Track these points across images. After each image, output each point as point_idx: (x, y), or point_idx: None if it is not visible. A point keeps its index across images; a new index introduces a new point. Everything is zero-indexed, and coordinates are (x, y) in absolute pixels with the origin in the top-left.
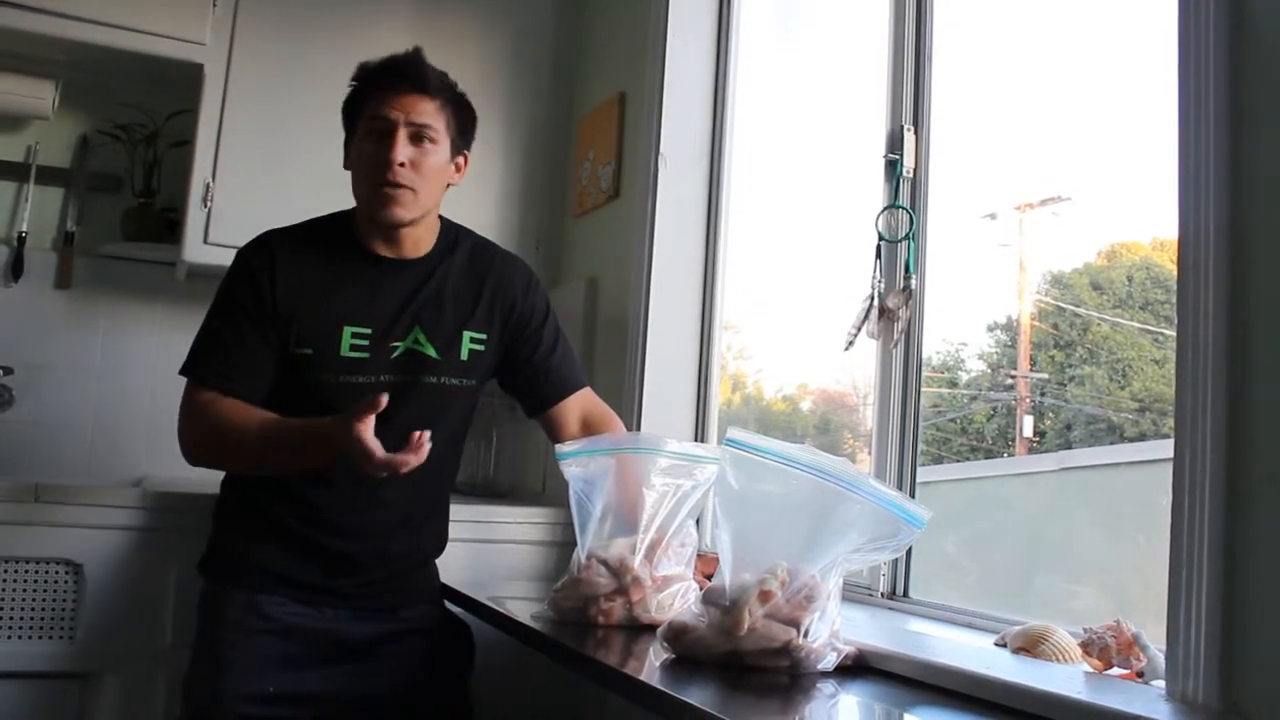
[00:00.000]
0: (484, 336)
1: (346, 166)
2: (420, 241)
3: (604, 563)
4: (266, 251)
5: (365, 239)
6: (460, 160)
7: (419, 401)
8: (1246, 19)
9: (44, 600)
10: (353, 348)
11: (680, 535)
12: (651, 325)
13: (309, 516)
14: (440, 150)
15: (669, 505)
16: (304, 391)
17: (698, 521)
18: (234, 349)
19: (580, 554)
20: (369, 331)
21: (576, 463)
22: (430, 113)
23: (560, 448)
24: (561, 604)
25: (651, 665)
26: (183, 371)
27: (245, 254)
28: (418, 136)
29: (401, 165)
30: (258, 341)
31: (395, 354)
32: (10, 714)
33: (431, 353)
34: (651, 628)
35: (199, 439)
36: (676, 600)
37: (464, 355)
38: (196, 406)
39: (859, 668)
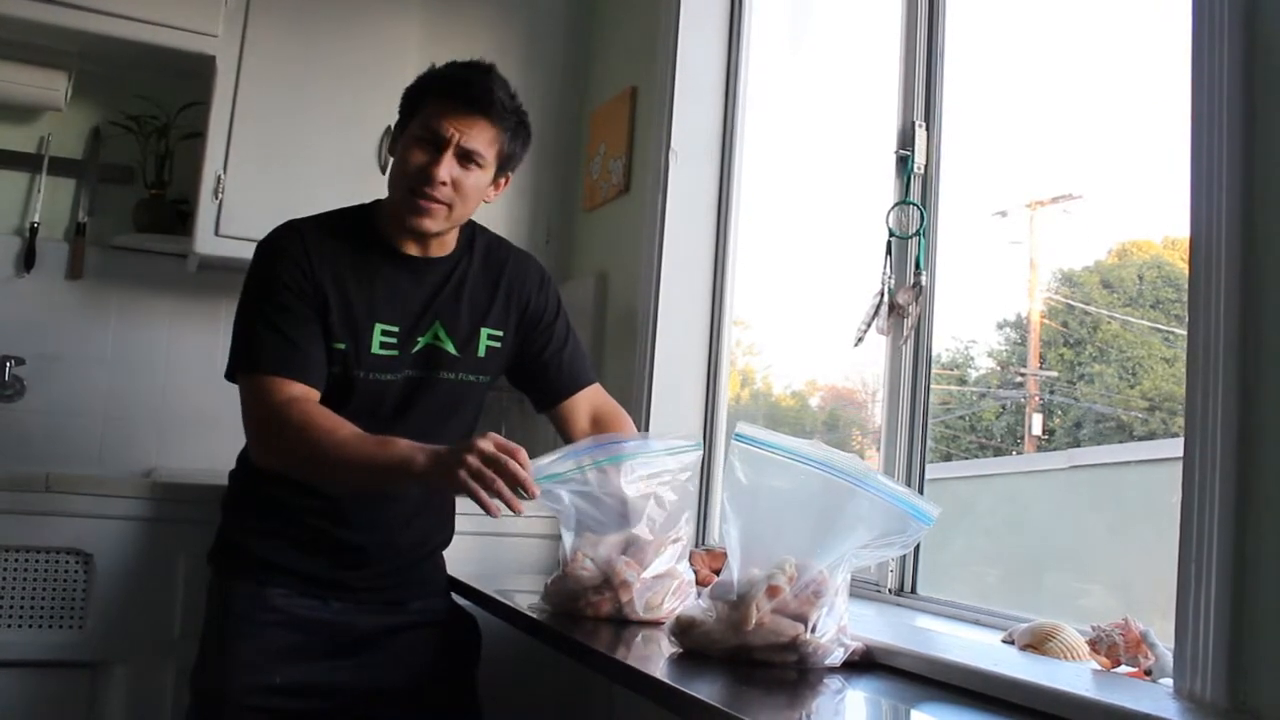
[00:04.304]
0: (501, 333)
1: (391, 153)
2: (446, 243)
3: (590, 558)
4: (298, 237)
5: (392, 236)
6: (502, 180)
7: (435, 397)
8: (1260, 17)
9: (54, 589)
10: (382, 345)
11: (670, 532)
12: (661, 320)
13: (324, 509)
14: (485, 174)
15: (650, 504)
16: (331, 385)
17: (703, 517)
18: (292, 335)
19: (565, 547)
20: (397, 329)
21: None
22: (486, 140)
23: (538, 462)
24: (553, 596)
25: (659, 659)
26: (241, 370)
27: (277, 240)
28: (466, 157)
29: (443, 183)
30: (313, 329)
31: (415, 349)
32: (20, 702)
33: (451, 349)
34: (641, 622)
35: (279, 439)
36: (667, 598)
37: (481, 352)
38: (276, 404)
39: (866, 663)
